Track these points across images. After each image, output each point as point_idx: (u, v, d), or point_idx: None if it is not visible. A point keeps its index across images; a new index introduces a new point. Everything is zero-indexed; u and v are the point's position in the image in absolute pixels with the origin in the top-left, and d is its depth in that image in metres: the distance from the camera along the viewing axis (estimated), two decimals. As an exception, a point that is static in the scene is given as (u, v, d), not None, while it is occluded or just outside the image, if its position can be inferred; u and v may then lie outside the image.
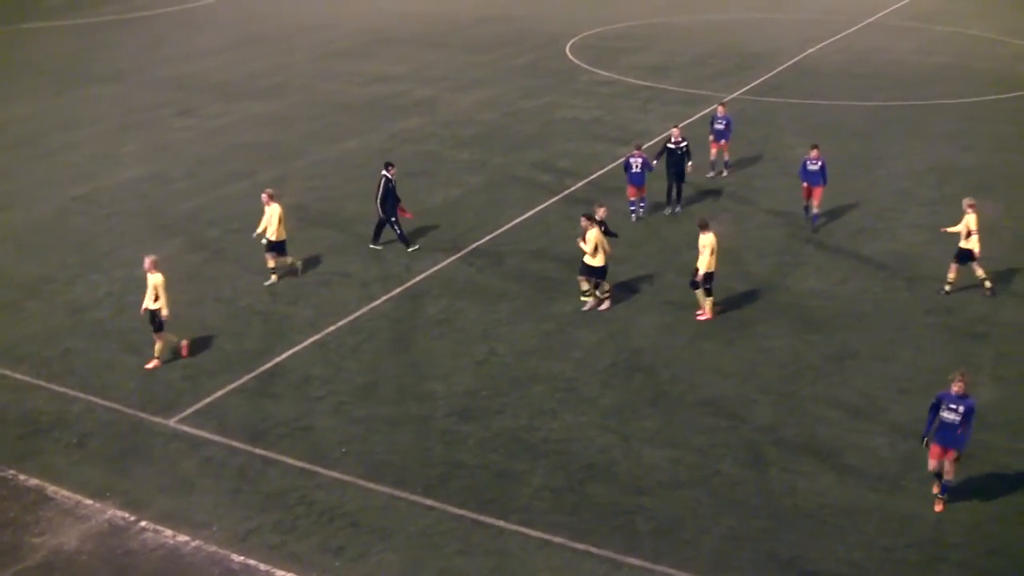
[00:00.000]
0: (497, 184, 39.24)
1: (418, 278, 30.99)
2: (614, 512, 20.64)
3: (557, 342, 27.36)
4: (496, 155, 42.76)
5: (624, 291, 29.97)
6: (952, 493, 20.65)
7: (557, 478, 21.69)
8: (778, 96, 51.59)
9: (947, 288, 29.80)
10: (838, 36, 66.71)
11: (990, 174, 39.70)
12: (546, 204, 36.88)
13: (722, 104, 40.23)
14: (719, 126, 39.12)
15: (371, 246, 33.16)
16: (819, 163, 33.89)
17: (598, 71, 57.60)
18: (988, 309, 28.83)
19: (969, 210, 29.46)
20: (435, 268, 31.73)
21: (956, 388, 19.87)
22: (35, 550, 19.85)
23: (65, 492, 21.48)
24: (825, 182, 34.00)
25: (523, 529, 20.04)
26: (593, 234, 28.12)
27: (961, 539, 19.80)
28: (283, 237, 30.71)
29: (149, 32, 71.28)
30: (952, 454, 20.12)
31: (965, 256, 29.56)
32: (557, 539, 19.81)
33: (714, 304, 28.62)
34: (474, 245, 33.36)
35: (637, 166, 34.56)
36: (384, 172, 32.75)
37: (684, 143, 35.40)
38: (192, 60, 61.63)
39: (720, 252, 28.38)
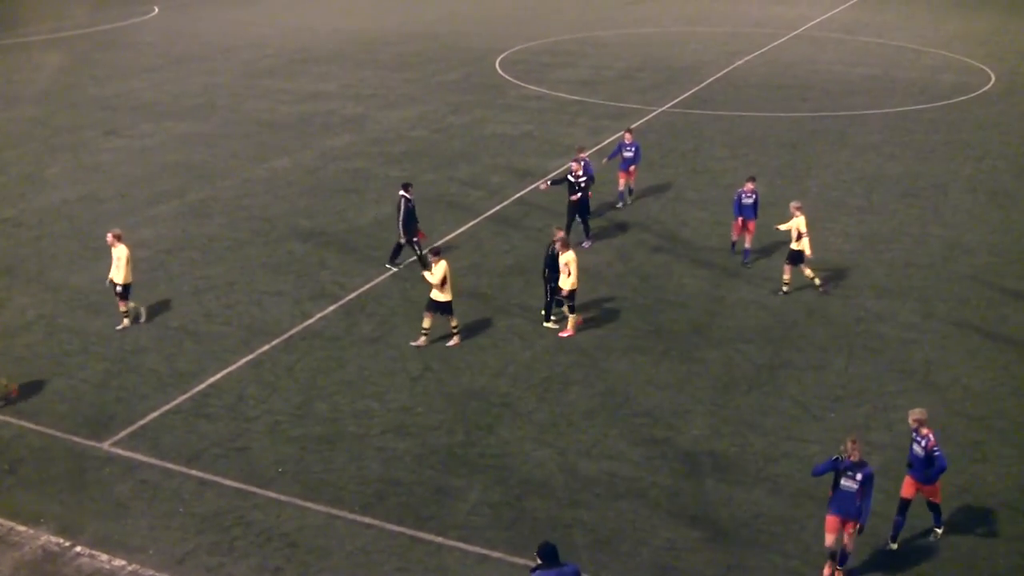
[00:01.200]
0: (428, 201, 39.16)
1: (351, 295, 30.90)
2: (552, 526, 20.66)
3: (491, 357, 27.38)
4: (426, 171, 42.75)
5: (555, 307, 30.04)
6: (888, 499, 20.86)
7: (494, 493, 21.69)
8: (706, 109, 52.06)
9: (784, 289, 30.54)
10: (764, 49, 67.47)
11: (916, 182, 40.36)
12: (477, 220, 36.92)
13: (628, 130, 38.64)
14: (628, 153, 37.71)
15: (387, 266, 32.89)
16: (754, 197, 32.60)
17: (527, 86, 57.83)
18: (918, 317, 29.24)
19: (797, 212, 30.26)
20: (368, 285, 31.65)
21: (852, 457, 18.49)
22: (-33, 579, 19.57)
23: (-3, 519, 21.21)
24: (757, 215, 33.01)
25: (461, 545, 20.01)
26: (441, 267, 27.33)
27: (898, 544, 20.02)
28: (129, 280, 28.90)
29: (73, 52, 70.45)
30: (851, 526, 18.67)
31: (796, 257, 30.37)
32: (496, 554, 19.80)
33: (576, 320, 28.71)
34: (407, 262, 33.29)
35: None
36: (402, 193, 32.46)
37: (583, 178, 33.85)
38: (118, 80, 61.05)
39: (655, 263, 28.53)
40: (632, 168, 37.92)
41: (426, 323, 27.78)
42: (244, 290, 31.47)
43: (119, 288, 28.80)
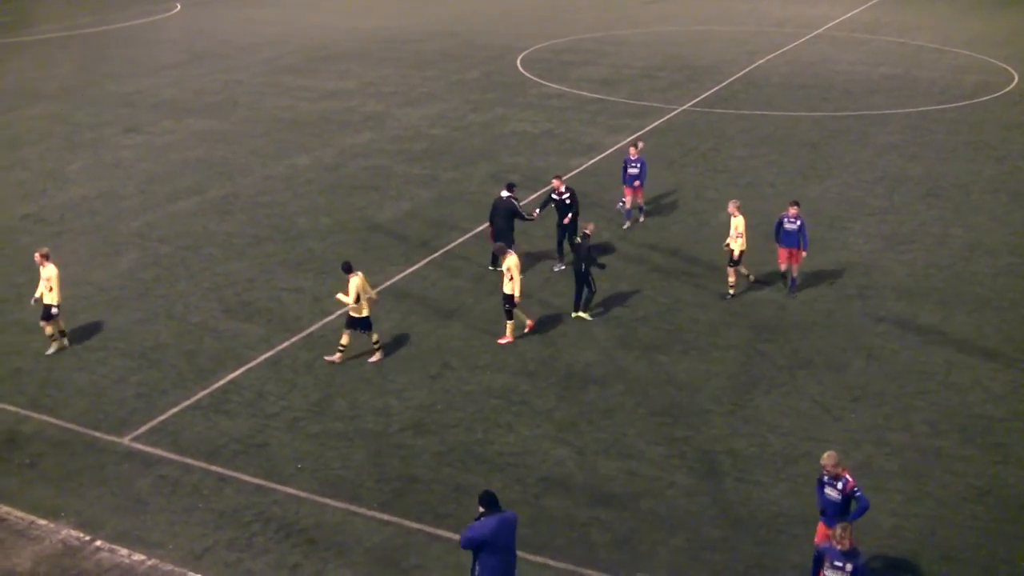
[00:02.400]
0: (448, 198, 39.24)
1: (371, 293, 30.89)
2: (570, 524, 20.66)
3: (511, 355, 27.37)
4: (447, 169, 42.77)
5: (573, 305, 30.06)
6: (907, 500, 20.81)
7: (513, 491, 21.67)
8: (727, 108, 51.94)
9: (731, 292, 30.35)
10: (785, 48, 67.29)
11: (938, 183, 40.16)
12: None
13: (634, 146, 35.99)
14: (633, 170, 35.30)
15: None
16: (798, 222, 29.73)
17: (548, 84, 57.79)
18: (938, 319, 29.10)
19: (735, 212, 30.03)
20: (388, 283, 31.66)
21: (842, 546, 16.21)
22: (-13, 572, 19.66)
23: (18, 513, 21.24)
24: (807, 246, 30.14)
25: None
26: (354, 283, 26.46)
27: (916, 545, 19.97)
28: (57, 301, 27.33)
29: (94, 49, 70.75)
30: None
31: (735, 260, 30.18)
32: (514, 552, 19.81)
33: (529, 325, 28.59)
34: (427, 259, 33.33)
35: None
36: (507, 193, 31.71)
37: (567, 194, 32.21)
38: (138, 77, 61.22)
39: (674, 262, 28.44)
40: (638, 184, 35.59)
41: (344, 340, 26.95)
42: (264, 287, 31.54)
43: (54, 309, 27.39)
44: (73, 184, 41.64)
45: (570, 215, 32.01)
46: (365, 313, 26.79)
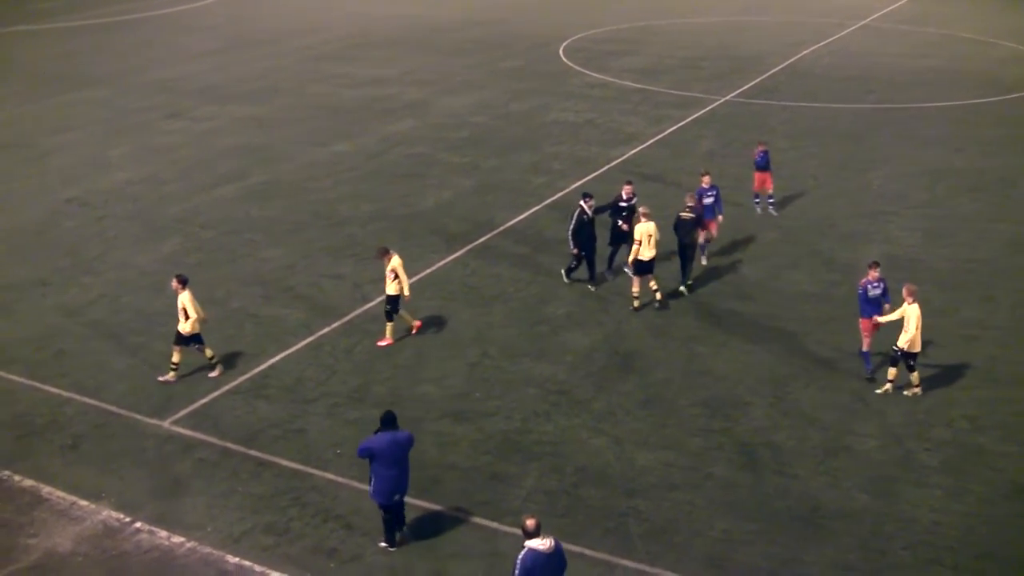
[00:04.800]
0: (489, 187, 39.23)
1: (411, 280, 30.94)
2: (607, 514, 20.64)
3: (550, 345, 27.36)
4: (488, 158, 42.77)
5: (616, 294, 29.98)
6: (946, 496, 20.67)
7: (550, 480, 21.68)
8: (770, 99, 51.66)
9: (635, 304, 29.30)
10: (829, 39, 66.85)
11: (982, 177, 39.78)
12: (539, 207, 36.85)
13: (705, 174, 32.92)
14: (708, 200, 32.06)
15: (565, 280, 30.96)
16: (881, 286, 25.53)
17: (590, 73, 57.65)
18: (981, 313, 28.86)
19: (643, 218, 28.99)
20: (428, 271, 31.71)
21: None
22: (29, 551, 19.80)
23: (59, 493, 21.44)
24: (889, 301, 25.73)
25: (516, 531, 19.95)
26: (184, 297, 25.19)
27: (955, 542, 19.82)
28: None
29: (136, 35, 71.15)
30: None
31: (644, 268, 29.01)
32: (551, 541, 19.80)
33: (414, 326, 28.08)
34: (467, 247, 33.36)
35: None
36: (580, 203, 30.14)
37: (635, 199, 30.82)
38: (180, 63, 61.53)
39: (714, 253, 28.27)
40: (719, 217, 32.58)
41: (175, 358, 25.65)
42: (304, 273, 31.65)
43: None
44: (116, 169, 41.92)
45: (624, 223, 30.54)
46: (190, 330, 25.45)
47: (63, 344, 27.56)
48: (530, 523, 16.24)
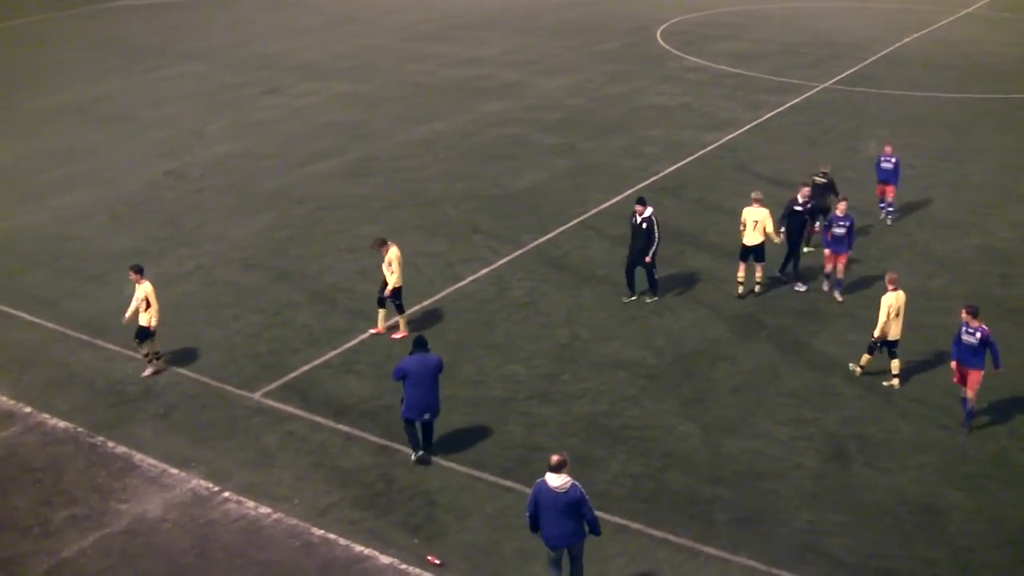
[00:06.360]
0: (583, 169, 39.14)
1: (503, 260, 31.02)
2: (692, 501, 20.53)
3: (640, 329, 27.26)
4: (582, 140, 42.67)
5: (706, 281, 29.78)
6: (1039, 494, 20.34)
7: (636, 465, 21.62)
8: (870, 86, 50.94)
9: (739, 291, 29.04)
10: (933, 27, 65.78)
11: (1086, 171, 38.95)
12: (632, 190, 36.65)
13: (887, 143, 33.84)
14: (887, 164, 33.27)
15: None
16: (979, 334, 22.41)
17: (687, 57, 57.30)
18: (1080, 308, 28.31)
19: (755, 204, 28.54)
20: (520, 251, 31.73)
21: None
22: (120, 516, 20.16)
23: (151, 461, 21.81)
24: (998, 362, 22.70)
25: (600, 514, 19.89)
26: (147, 287, 24.95)
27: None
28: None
29: (235, 11, 71.94)
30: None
31: (748, 253, 28.80)
32: (635, 525, 19.75)
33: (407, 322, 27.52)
34: (560, 229, 33.33)
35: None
36: (647, 209, 28.63)
37: (810, 203, 29.56)
38: (279, 39, 62.12)
39: (809, 242, 27.88)
40: (893, 185, 33.53)
41: (144, 350, 25.35)
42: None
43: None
44: (214, 142, 42.47)
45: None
46: (143, 323, 25.12)
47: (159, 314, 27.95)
48: (554, 458, 16.77)
